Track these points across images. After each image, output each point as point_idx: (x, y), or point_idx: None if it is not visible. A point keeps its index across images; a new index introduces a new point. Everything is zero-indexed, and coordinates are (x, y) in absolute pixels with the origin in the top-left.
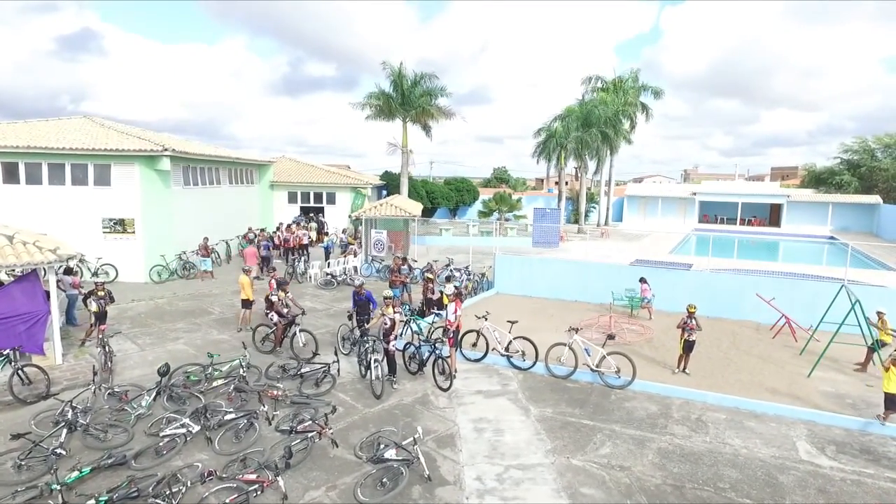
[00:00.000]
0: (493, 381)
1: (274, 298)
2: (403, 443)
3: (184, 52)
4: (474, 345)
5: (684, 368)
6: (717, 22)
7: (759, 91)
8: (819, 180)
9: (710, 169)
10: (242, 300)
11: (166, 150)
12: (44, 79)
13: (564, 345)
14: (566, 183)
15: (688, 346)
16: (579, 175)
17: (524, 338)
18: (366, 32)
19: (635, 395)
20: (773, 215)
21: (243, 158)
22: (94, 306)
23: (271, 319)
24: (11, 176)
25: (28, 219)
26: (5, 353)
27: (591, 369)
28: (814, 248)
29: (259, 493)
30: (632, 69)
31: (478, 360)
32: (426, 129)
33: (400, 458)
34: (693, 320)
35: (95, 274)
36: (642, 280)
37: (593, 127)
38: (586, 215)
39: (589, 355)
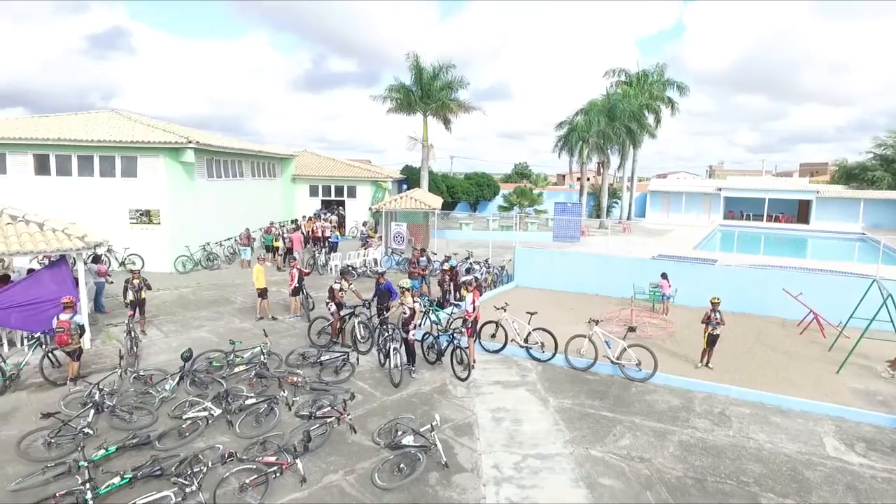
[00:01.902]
0: (511, 371)
1: (336, 286)
2: (421, 430)
3: (208, 48)
4: (493, 336)
5: (707, 363)
6: (742, 17)
7: (786, 86)
8: (850, 176)
9: (735, 165)
10: (258, 290)
11: (190, 142)
12: (74, 76)
13: (584, 337)
14: (588, 178)
15: (711, 341)
16: (601, 170)
17: (543, 329)
18: (387, 29)
19: (656, 388)
20: (801, 212)
21: (266, 151)
22: (129, 295)
23: (329, 310)
24: (43, 168)
25: (58, 209)
26: (36, 336)
27: (612, 361)
28: (844, 245)
29: (278, 474)
30: (657, 64)
31: (496, 351)
32: (446, 122)
33: (417, 444)
34: (717, 314)
35: (122, 264)
36: (663, 276)
37: (617, 121)
38: (608, 210)
39: (609, 347)
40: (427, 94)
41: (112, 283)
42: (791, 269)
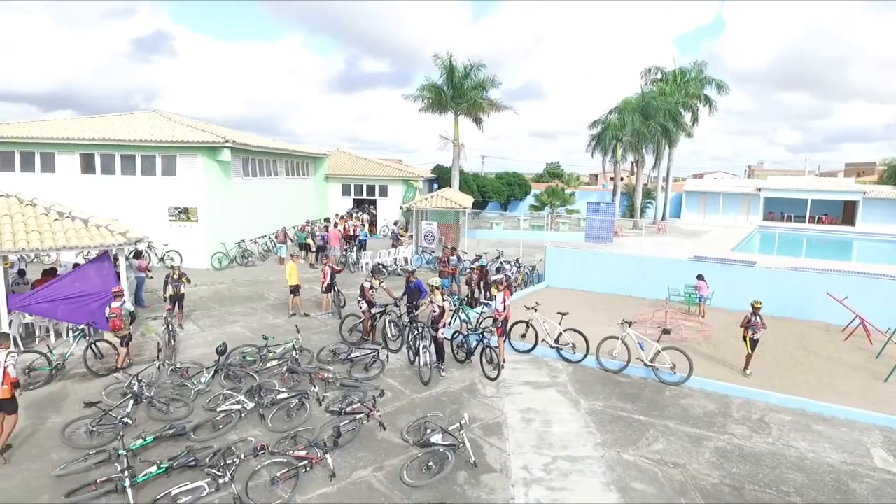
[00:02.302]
0: (541, 372)
1: (366, 285)
2: (450, 428)
3: (245, 51)
4: (523, 336)
5: (745, 367)
6: (785, 13)
7: (830, 83)
8: None
9: (775, 165)
10: (290, 286)
11: (227, 141)
12: (120, 79)
13: (617, 338)
14: (621, 178)
15: (752, 345)
16: (636, 169)
17: (575, 330)
18: (419, 30)
19: (691, 392)
20: (846, 213)
21: (300, 151)
22: (170, 289)
23: (360, 308)
24: (88, 167)
25: (102, 206)
26: (80, 327)
27: (645, 364)
28: (893, 248)
29: (308, 469)
30: (695, 61)
31: (526, 352)
32: (477, 121)
33: (446, 443)
34: (758, 318)
35: (162, 260)
36: (700, 277)
37: (652, 119)
38: (642, 211)
39: (643, 350)
40: (458, 93)
41: (152, 278)
42: (836, 272)
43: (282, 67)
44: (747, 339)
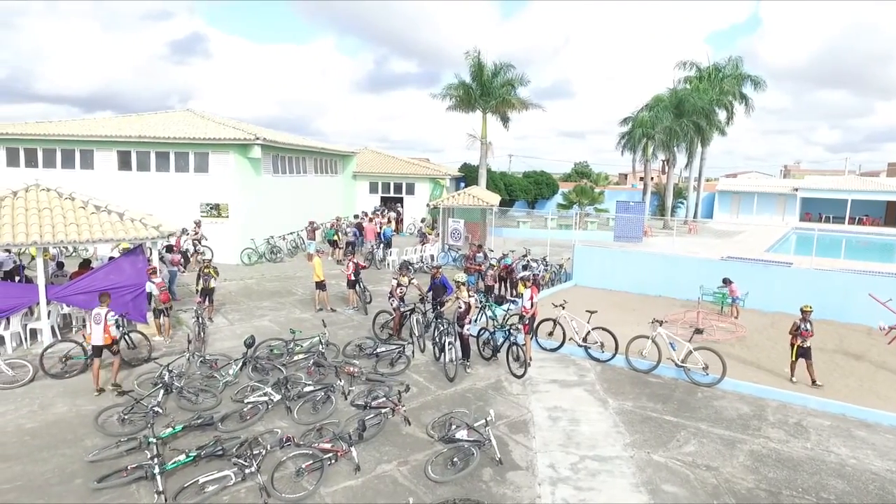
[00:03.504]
0: (569, 371)
1: (393, 282)
2: (475, 425)
3: (277, 52)
4: (551, 334)
5: (814, 381)
6: (825, 8)
7: (873, 80)
8: None
9: (812, 165)
10: (316, 282)
11: (258, 138)
12: (157, 81)
13: (647, 338)
14: (651, 178)
15: (802, 353)
16: (666, 168)
17: (603, 329)
18: (448, 29)
19: (724, 393)
20: (889, 214)
21: (328, 148)
22: (201, 283)
23: (392, 304)
24: (125, 164)
25: (137, 202)
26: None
27: (676, 364)
28: None
29: (333, 461)
30: (730, 57)
31: (554, 350)
32: (505, 120)
33: (471, 439)
34: (808, 324)
35: (196, 252)
36: (727, 281)
37: (685, 116)
38: (673, 210)
39: (674, 350)
40: (486, 91)
41: (184, 272)
42: (878, 274)
43: (313, 68)
44: (795, 346)
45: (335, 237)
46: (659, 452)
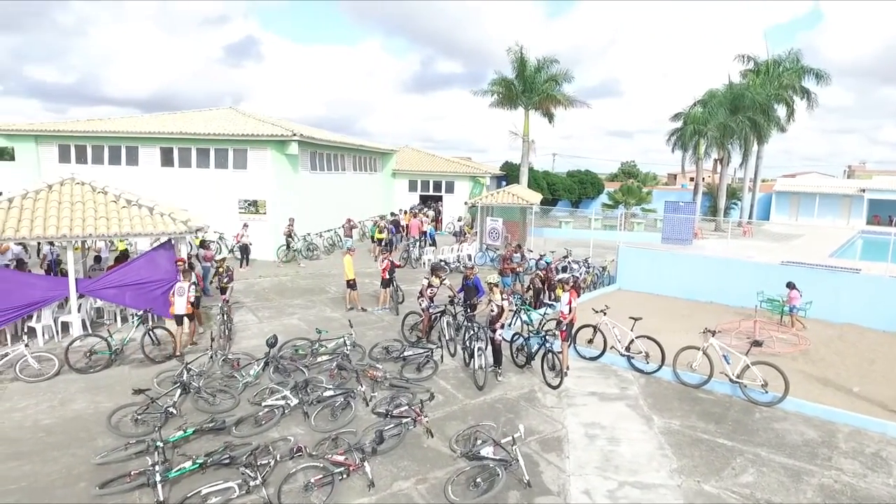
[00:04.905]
0: (609, 382)
1: (424, 283)
2: (502, 441)
3: (326, 53)
4: (590, 341)
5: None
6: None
7: None
8: None
9: (879, 165)
10: (347, 281)
11: (295, 134)
12: (211, 83)
13: (698, 349)
14: (703, 177)
15: None
16: (719, 167)
17: (648, 337)
18: (494, 30)
19: (787, 415)
20: None
21: (367, 146)
22: (216, 282)
23: (421, 305)
24: (167, 160)
25: (178, 198)
26: (140, 313)
27: (731, 380)
28: None
29: (345, 476)
30: (790, 50)
31: (593, 359)
32: (549, 117)
33: (497, 457)
34: None
35: (231, 251)
36: (790, 286)
37: (740, 112)
38: (726, 211)
39: (728, 363)
40: (530, 87)
41: (218, 268)
42: None
43: (360, 69)
44: None
45: (377, 235)
46: (711, 482)
